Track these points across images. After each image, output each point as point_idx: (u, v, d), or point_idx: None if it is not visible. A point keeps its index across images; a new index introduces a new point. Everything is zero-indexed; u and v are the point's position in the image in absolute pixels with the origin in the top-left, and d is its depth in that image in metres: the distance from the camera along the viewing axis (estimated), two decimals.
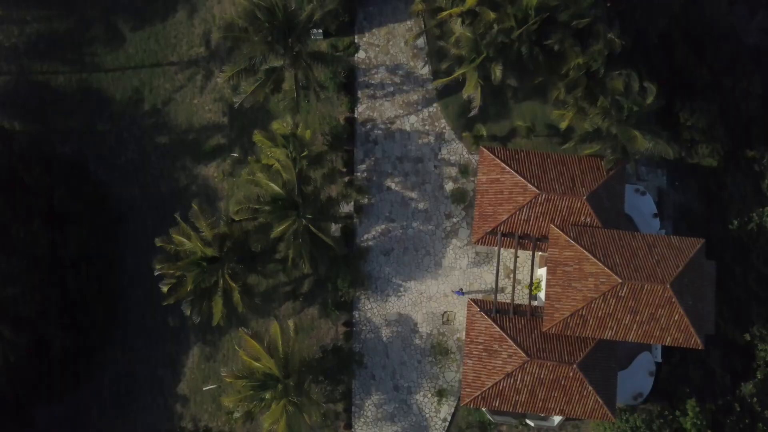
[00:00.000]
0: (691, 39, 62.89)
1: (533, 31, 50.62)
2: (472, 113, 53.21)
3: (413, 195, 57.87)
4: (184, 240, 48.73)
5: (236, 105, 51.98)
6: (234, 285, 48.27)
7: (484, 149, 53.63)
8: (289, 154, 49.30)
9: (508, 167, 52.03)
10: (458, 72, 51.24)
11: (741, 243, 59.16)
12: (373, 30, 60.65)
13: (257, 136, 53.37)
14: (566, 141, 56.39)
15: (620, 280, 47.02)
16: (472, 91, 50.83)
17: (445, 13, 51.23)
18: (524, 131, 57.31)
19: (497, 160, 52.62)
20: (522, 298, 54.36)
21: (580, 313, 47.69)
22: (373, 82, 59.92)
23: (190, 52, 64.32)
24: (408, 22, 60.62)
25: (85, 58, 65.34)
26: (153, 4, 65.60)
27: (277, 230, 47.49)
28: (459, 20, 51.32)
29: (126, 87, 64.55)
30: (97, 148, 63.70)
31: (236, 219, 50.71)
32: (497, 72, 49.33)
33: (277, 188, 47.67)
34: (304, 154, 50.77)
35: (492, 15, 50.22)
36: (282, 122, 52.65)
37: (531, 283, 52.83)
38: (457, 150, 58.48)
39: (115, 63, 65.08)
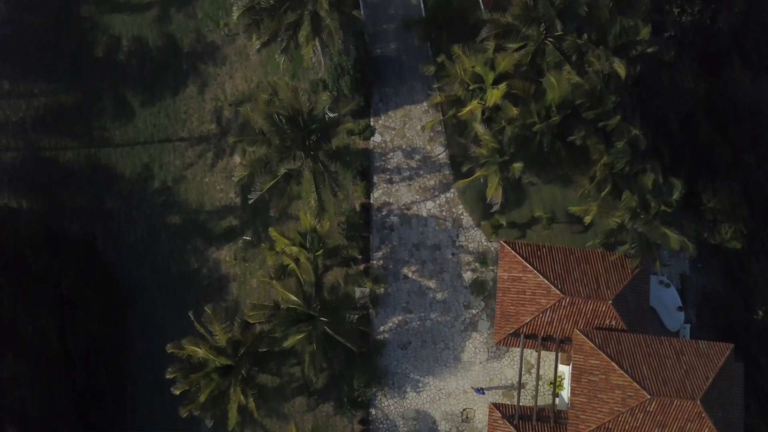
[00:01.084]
0: (714, 116, 61.69)
1: (555, 125, 49.32)
2: (494, 209, 51.84)
3: (431, 284, 56.44)
4: (197, 349, 47.29)
5: (250, 201, 50.51)
6: (247, 399, 46.81)
7: (505, 245, 52.23)
8: (309, 257, 47.86)
9: (530, 266, 50.62)
10: (479, 173, 49.80)
11: (766, 333, 57.74)
12: (389, 112, 59.26)
13: (273, 232, 52.07)
14: (588, 229, 55.31)
15: (649, 396, 45.56)
16: (493, 194, 49.42)
17: (466, 110, 49.74)
18: (545, 221, 55.88)
19: (519, 257, 51.22)
20: (544, 394, 52.97)
21: (606, 426, 46.24)
22: (389, 166, 58.51)
23: (201, 128, 62.95)
24: (424, 104, 59.22)
25: (94, 133, 64.00)
26: (162, 77, 64.31)
27: (292, 341, 46.06)
28: (479, 115, 49.88)
29: (135, 163, 63.18)
30: (106, 227, 62.28)
31: (251, 322, 49.27)
32: (517, 171, 47.96)
33: (294, 297, 46.22)
34: (319, 252, 49.40)
35: (514, 111, 48.87)
36: (304, 213, 51.25)
37: (555, 384, 51.40)
38: (475, 237, 57.05)
39: (124, 137, 63.73)
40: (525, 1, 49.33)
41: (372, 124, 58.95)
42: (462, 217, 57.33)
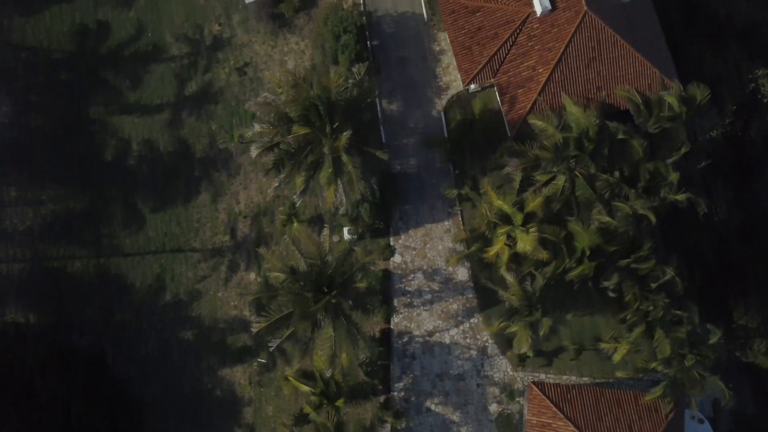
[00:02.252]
0: (746, 229, 59.63)
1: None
2: (525, 353, 49.79)
3: (455, 418, 54.25)
4: None
5: (272, 348, 48.39)
6: None
7: (534, 387, 50.11)
8: (329, 411, 45.82)
9: (560, 412, 48.51)
10: (504, 324, 47.74)
11: None
12: (410, 231, 57.07)
13: (290, 374, 50.01)
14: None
15: None
16: (524, 347, 47.36)
17: (492, 252, 47.65)
18: (573, 352, 53.67)
19: (548, 401, 49.11)
20: None
21: None
22: (410, 289, 56.37)
23: (214, 240, 60.85)
24: (446, 223, 56.99)
25: (103, 241, 62.00)
26: (174, 184, 62.24)
27: None
28: (507, 257, 47.77)
29: (146, 273, 61.17)
30: (116, 341, 60.32)
31: None
32: (546, 327, 45.93)
33: None
34: (340, 402, 47.38)
35: (545, 254, 46.81)
36: (318, 357, 49.15)
37: None
38: (501, 366, 54.74)
39: (134, 246, 61.71)
40: (555, 142, 47.25)
41: (392, 243, 56.79)
42: (487, 344, 55.06)
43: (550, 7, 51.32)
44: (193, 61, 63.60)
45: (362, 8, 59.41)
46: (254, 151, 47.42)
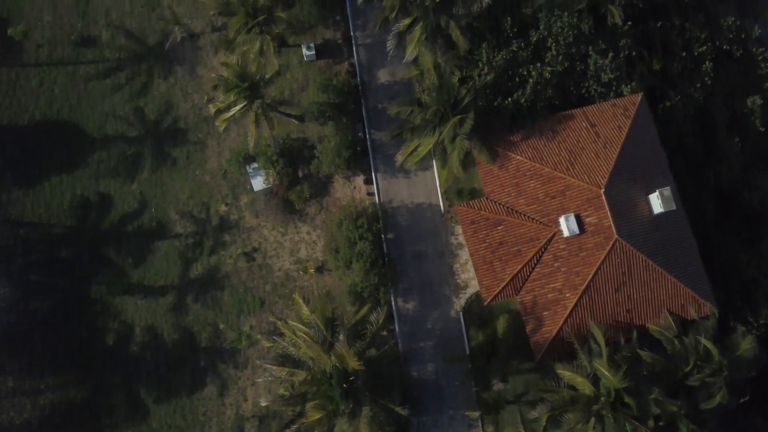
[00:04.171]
0: None
1: None
2: None
3: None
4: None
5: None
6: None
7: None
8: None
9: None
10: None
11: None
12: None
13: None
14: None
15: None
16: None
17: None
18: None
19: None
20: None
21: None
22: None
23: None
24: None
25: None
26: (179, 373, 59.32)
27: None
28: None
29: None
30: None
31: None
32: None
33: None
34: None
35: None
36: None
37: None
38: None
39: None
40: (587, 397, 44.19)
41: None
42: None
43: (578, 231, 48.33)
44: (198, 241, 60.81)
45: (377, 202, 56.60)
46: (264, 402, 44.37)
